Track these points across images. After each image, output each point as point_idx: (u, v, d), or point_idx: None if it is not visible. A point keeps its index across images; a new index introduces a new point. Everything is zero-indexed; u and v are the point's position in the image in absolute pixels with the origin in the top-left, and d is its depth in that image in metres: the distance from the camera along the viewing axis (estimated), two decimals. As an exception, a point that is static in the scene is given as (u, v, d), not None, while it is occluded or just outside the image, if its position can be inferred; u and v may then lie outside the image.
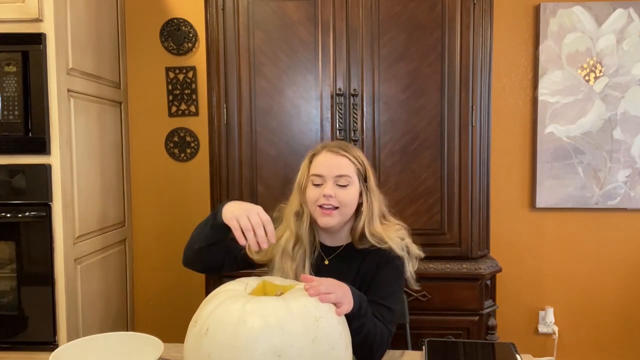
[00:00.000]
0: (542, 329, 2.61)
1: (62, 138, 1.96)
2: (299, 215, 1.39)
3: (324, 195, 1.32)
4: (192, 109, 2.62)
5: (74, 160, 2.06)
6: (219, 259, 1.39)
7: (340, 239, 1.42)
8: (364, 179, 1.38)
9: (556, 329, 2.58)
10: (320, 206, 1.33)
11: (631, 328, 2.61)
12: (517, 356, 1.26)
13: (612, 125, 2.50)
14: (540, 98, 2.51)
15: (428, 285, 2.06)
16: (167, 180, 2.66)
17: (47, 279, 1.94)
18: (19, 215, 1.92)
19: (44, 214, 1.93)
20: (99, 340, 1.21)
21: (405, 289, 2.03)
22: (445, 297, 2.07)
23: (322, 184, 1.34)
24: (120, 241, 2.54)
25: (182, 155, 2.64)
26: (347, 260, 1.38)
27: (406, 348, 1.74)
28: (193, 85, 2.61)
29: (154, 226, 2.68)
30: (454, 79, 2.05)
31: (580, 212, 2.57)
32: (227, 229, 1.21)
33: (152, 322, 2.70)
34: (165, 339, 1.22)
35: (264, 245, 1.16)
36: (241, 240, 1.16)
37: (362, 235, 1.36)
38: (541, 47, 2.49)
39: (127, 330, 2.56)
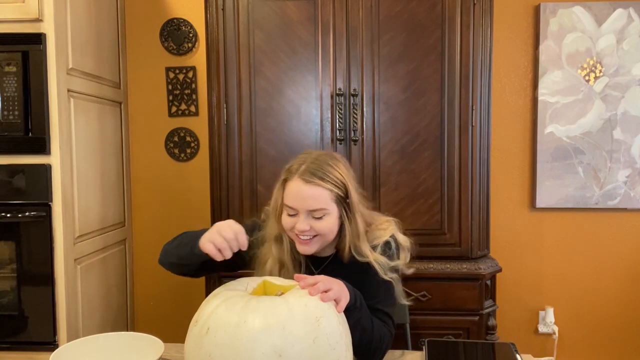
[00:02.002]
0: (542, 329, 2.61)
1: (62, 138, 1.96)
2: (278, 240, 1.34)
3: (297, 230, 1.26)
4: (192, 109, 2.62)
5: (74, 160, 2.06)
6: (196, 270, 1.36)
7: (327, 250, 1.37)
8: (344, 200, 1.27)
9: (556, 329, 2.58)
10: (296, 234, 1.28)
11: (631, 328, 2.61)
12: (517, 356, 1.26)
13: (612, 125, 2.50)
14: (540, 98, 2.51)
15: (428, 285, 2.06)
16: (167, 180, 2.66)
17: (47, 279, 1.94)
18: (19, 215, 1.92)
19: (44, 214, 1.93)
20: (99, 340, 1.21)
21: (406, 289, 2.04)
22: (445, 297, 2.07)
23: (296, 215, 1.26)
24: (120, 241, 2.54)
25: (182, 155, 2.64)
26: (337, 269, 1.32)
27: (406, 348, 1.74)
28: (193, 85, 2.61)
29: (154, 226, 2.68)
30: (454, 79, 2.05)
31: (580, 212, 2.57)
32: (205, 254, 1.18)
33: (152, 322, 2.70)
34: (165, 339, 1.22)
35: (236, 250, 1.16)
36: (218, 258, 1.15)
37: (349, 252, 1.31)
38: (541, 47, 2.49)
39: (127, 330, 2.56)
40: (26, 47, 1.88)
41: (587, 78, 2.49)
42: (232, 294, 1.05)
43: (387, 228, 1.36)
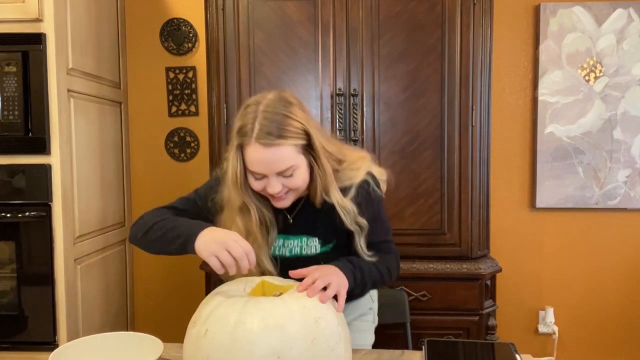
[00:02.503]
0: (542, 329, 2.61)
1: (62, 138, 1.96)
2: (243, 210, 1.23)
3: (270, 193, 1.18)
4: (192, 109, 2.62)
5: (74, 160, 2.06)
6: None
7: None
8: (309, 147, 1.17)
9: (556, 329, 2.58)
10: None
11: (631, 328, 2.61)
12: (517, 356, 1.26)
13: (612, 125, 2.50)
14: (540, 98, 2.51)
15: (428, 285, 2.06)
16: (167, 180, 2.66)
17: (47, 279, 1.94)
18: (19, 215, 1.92)
19: (44, 214, 1.93)
20: (98, 340, 1.20)
21: (406, 289, 2.04)
22: (445, 297, 2.07)
23: (264, 178, 1.16)
24: (120, 241, 2.54)
25: (182, 155, 2.64)
26: (311, 212, 1.27)
27: (406, 348, 1.74)
28: (193, 85, 2.61)
29: (154, 226, 2.67)
30: (454, 79, 2.05)
31: (580, 212, 2.57)
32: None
33: (152, 322, 2.70)
34: (165, 339, 1.22)
35: (245, 272, 1.08)
36: (220, 272, 1.07)
37: (322, 196, 1.24)
38: (541, 47, 2.49)
39: (127, 330, 2.56)
40: (26, 47, 1.88)
41: (587, 78, 2.49)
42: (230, 295, 1.05)
43: (361, 167, 1.28)
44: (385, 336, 1.97)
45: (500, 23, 2.50)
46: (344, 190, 1.24)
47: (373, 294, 1.52)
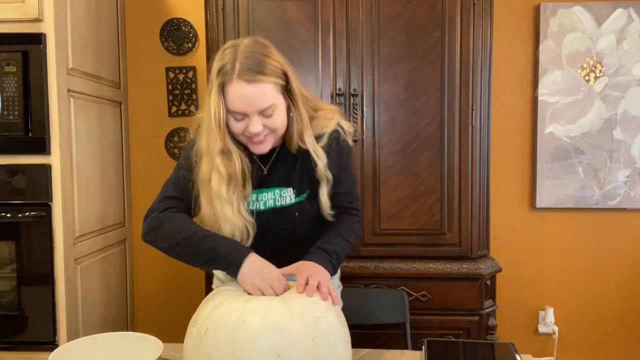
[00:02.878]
0: (542, 329, 2.61)
1: (62, 138, 1.96)
2: (224, 154, 1.21)
3: (251, 133, 1.18)
4: (192, 109, 2.62)
5: (74, 160, 2.06)
6: None
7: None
8: (287, 88, 1.20)
9: (556, 329, 2.58)
10: (249, 136, 1.20)
11: (631, 328, 2.61)
12: (517, 356, 1.26)
13: (612, 125, 2.50)
14: (540, 98, 2.51)
15: (428, 285, 2.06)
16: (167, 180, 2.65)
17: (47, 279, 1.94)
18: (19, 215, 1.92)
19: (44, 214, 1.93)
20: (98, 340, 1.21)
21: (406, 289, 2.04)
22: (445, 297, 2.07)
23: (245, 118, 1.17)
24: (120, 241, 2.54)
25: (182, 155, 2.64)
26: (286, 162, 1.30)
27: (406, 348, 1.74)
28: (193, 85, 2.61)
29: (154, 226, 2.67)
30: (454, 79, 2.05)
31: (580, 212, 2.57)
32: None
33: (152, 322, 2.70)
34: (165, 339, 1.22)
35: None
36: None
37: (297, 143, 1.27)
38: (541, 47, 2.49)
39: (127, 330, 2.56)
40: (26, 47, 1.88)
41: (587, 78, 2.49)
42: (230, 294, 1.05)
43: (332, 117, 1.31)
44: (385, 336, 1.97)
45: (500, 23, 2.50)
46: (317, 138, 1.27)
47: None
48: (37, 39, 1.88)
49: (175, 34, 2.60)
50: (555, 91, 2.50)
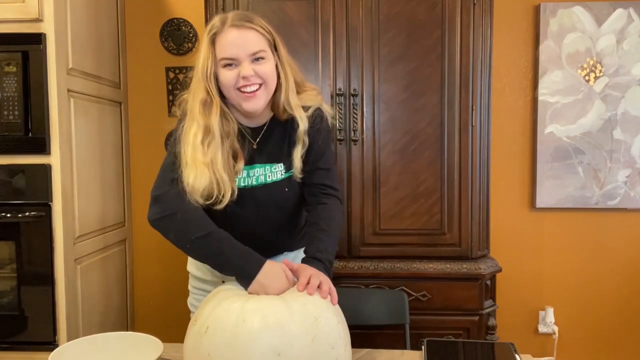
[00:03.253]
0: (542, 329, 2.61)
1: (62, 138, 1.96)
2: (206, 104, 1.23)
3: (243, 77, 1.20)
4: (192, 109, 2.61)
5: (74, 160, 2.06)
6: None
7: (262, 117, 1.33)
8: (275, 47, 1.27)
9: (556, 329, 2.58)
10: (240, 90, 1.22)
11: (631, 328, 2.61)
12: (517, 356, 1.26)
13: (612, 125, 2.50)
14: (540, 98, 2.51)
15: (428, 285, 2.06)
16: (167, 180, 2.65)
17: (47, 279, 1.94)
18: (19, 215, 1.92)
19: (44, 214, 1.93)
20: (98, 340, 1.21)
21: (406, 289, 2.04)
22: (445, 297, 2.07)
23: (236, 66, 1.21)
24: (120, 241, 2.54)
25: (182, 155, 2.64)
26: (276, 137, 1.33)
27: (406, 348, 1.74)
28: (193, 85, 2.60)
29: (154, 226, 2.67)
30: (454, 79, 2.05)
31: (580, 212, 2.57)
32: None
33: (152, 322, 2.70)
34: (165, 339, 1.22)
35: None
36: None
37: (284, 108, 1.30)
38: (541, 47, 2.49)
39: (127, 330, 2.56)
40: (26, 47, 1.88)
41: (587, 78, 2.49)
42: (231, 293, 1.05)
43: (317, 96, 1.37)
44: (385, 336, 1.97)
45: (500, 23, 2.50)
46: (303, 108, 1.32)
47: None
48: (37, 39, 1.88)
49: (175, 34, 2.60)
50: (555, 91, 2.50)
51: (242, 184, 1.30)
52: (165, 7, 2.61)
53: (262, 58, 1.22)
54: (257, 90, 1.22)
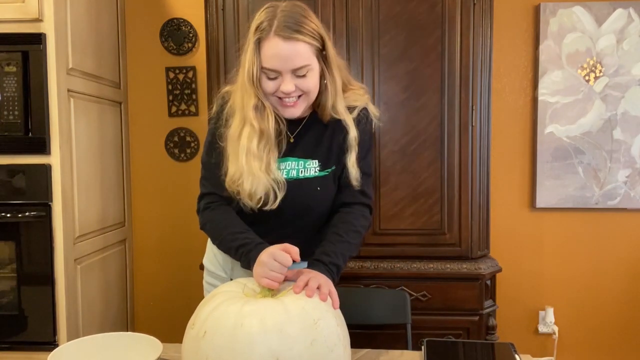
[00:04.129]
0: (542, 329, 2.61)
1: (62, 138, 1.96)
2: (258, 109, 1.21)
3: (283, 92, 1.17)
4: (192, 109, 2.62)
5: (74, 160, 2.06)
6: None
7: (304, 112, 1.29)
8: (322, 53, 1.20)
9: (556, 329, 2.58)
10: (280, 98, 1.20)
11: (631, 328, 2.61)
12: (517, 356, 1.26)
13: (612, 125, 2.50)
14: (540, 98, 2.51)
15: (428, 285, 2.06)
16: (167, 180, 2.66)
17: (47, 279, 1.94)
18: (19, 215, 1.92)
19: (44, 214, 1.93)
20: (98, 340, 1.21)
21: (406, 289, 2.04)
22: (445, 297, 2.07)
23: (278, 77, 1.17)
24: (120, 241, 2.54)
25: (182, 155, 2.64)
26: (314, 132, 1.29)
27: (406, 348, 1.74)
28: (193, 85, 2.61)
29: (154, 226, 2.68)
30: (454, 79, 2.05)
31: (580, 212, 2.57)
32: None
33: (152, 322, 2.70)
34: (165, 339, 1.22)
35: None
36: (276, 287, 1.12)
37: (329, 112, 1.27)
38: (541, 47, 2.49)
39: (127, 330, 2.56)
40: (26, 47, 1.89)
41: (587, 78, 2.49)
42: (228, 296, 1.05)
43: (364, 95, 1.33)
44: (385, 336, 1.97)
45: (500, 23, 2.50)
46: (349, 110, 1.28)
47: None
48: (37, 39, 1.88)
49: (175, 34, 2.59)
50: (555, 91, 2.50)
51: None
52: (165, 7, 2.61)
53: (306, 73, 1.17)
54: (297, 100, 1.20)
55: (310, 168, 1.28)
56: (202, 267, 2.15)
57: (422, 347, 1.31)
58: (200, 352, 0.96)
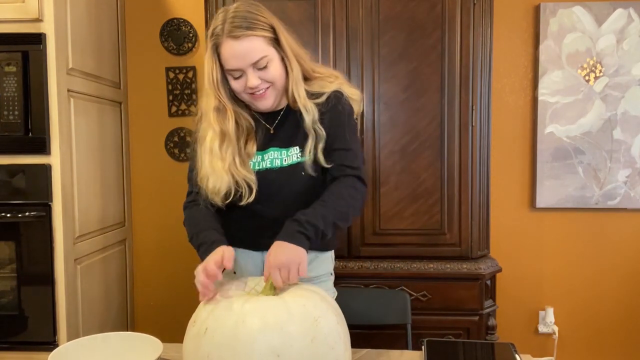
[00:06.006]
0: (542, 329, 2.61)
1: (62, 138, 1.96)
2: (219, 110, 1.29)
3: (250, 88, 1.23)
4: (192, 109, 2.62)
5: (74, 160, 2.06)
6: None
7: (281, 103, 1.34)
8: (277, 41, 1.25)
9: (556, 329, 2.58)
10: (249, 92, 1.26)
11: (631, 328, 2.61)
12: (517, 356, 1.26)
13: (612, 125, 2.50)
14: (540, 98, 2.51)
15: (428, 285, 2.07)
16: (167, 180, 2.66)
17: (47, 279, 1.94)
18: (19, 215, 1.92)
19: (44, 214, 1.93)
20: (98, 340, 1.21)
21: (406, 289, 2.04)
22: (445, 297, 2.07)
23: (242, 75, 1.24)
24: (120, 241, 2.54)
25: (182, 155, 2.64)
26: (291, 121, 1.33)
27: (406, 348, 1.74)
28: (193, 85, 2.61)
29: (154, 226, 2.68)
30: (454, 79, 2.05)
31: (580, 212, 2.57)
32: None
33: (152, 322, 2.70)
34: (165, 339, 1.22)
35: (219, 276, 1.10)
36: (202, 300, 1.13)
37: (293, 99, 1.31)
38: (541, 47, 2.49)
39: (127, 330, 2.56)
40: (26, 47, 1.88)
41: (587, 78, 2.49)
42: (230, 294, 1.05)
43: (334, 81, 1.34)
44: (385, 336, 1.97)
45: (500, 23, 2.50)
46: (316, 96, 1.30)
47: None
48: (37, 39, 1.88)
49: (175, 34, 2.60)
50: (555, 91, 2.50)
51: (257, 168, 1.32)
52: (165, 7, 2.61)
53: (266, 64, 1.23)
54: (266, 90, 1.26)
55: (292, 155, 1.31)
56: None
57: (423, 347, 1.31)
58: (201, 350, 0.96)
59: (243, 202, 1.27)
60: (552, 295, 2.61)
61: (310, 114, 1.28)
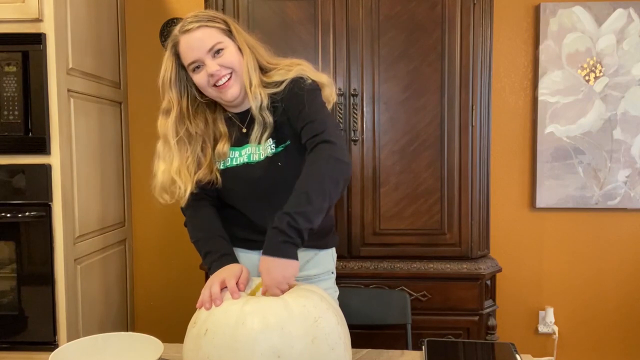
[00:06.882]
0: (542, 329, 2.61)
1: (62, 138, 1.96)
2: (167, 111, 1.35)
3: (211, 75, 1.27)
4: (192, 109, 2.61)
5: (74, 160, 2.06)
6: None
7: (248, 103, 1.35)
8: (231, 34, 1.31)
9: (556, 329, 2.58)
10: (215, 85, 1.29)
11: (631, 328, 2.61)
12: (517, 356, 1.26)
13: (612, 125, 2.50)
14: (540, 98, 2.51)
15: (428, 285, 2.06)
16: (167, 180, 2.65)
17: (47, 279, 1.94)
18: (19, 215, 1.92)
19: (44, 214, 1.93)
20: (98, 340, 1.21)
21: (406, 289, 2.04)
22: (445, 297, 2.07)
23: (202, 66, 1.29)
24: (120, 241, 2.54)
25: (182, 155, 2.64)
26: (263, 117, 1.34)
27: (406, 348, 1.74)
28: (193, 85, 2.60)
29: (154, 226, 2.68)
30: (454, 79, 2.05)
31: (580, 212, 2.57)
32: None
33: (152, 322, 2.70)
34: (165, 339, 1.22)
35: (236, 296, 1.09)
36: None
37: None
38: (541, 47, 2.49)
39: (127, 330, 2.56)
40: (26, 47, 1.88)
41: (587, 78, 2.49)
42: (229, 295, 1.05)
43: (294, 69, 1.35)
44: (386, 336, 1.97)
45: (500, 23, 2.50)
46: (276, 84, 1.33)
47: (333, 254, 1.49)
48: (37, 39, 1.88)
49: (175, 34, 2.59)
50: (555, 91, 2.50)
51: (234, 164, 1.35)
52: (165, 7, 2.61)
53: (221, 49, 1.28)
54: (228, 79, 1.29)
55: (267, 147, 1.33)
56: (202, 267, 2.15)
57: (423, 347, 1.31)
58: (201, 351, 0.96)
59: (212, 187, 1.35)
60: (552, 295, 2.62)
61: (257, 100, 1.31)
